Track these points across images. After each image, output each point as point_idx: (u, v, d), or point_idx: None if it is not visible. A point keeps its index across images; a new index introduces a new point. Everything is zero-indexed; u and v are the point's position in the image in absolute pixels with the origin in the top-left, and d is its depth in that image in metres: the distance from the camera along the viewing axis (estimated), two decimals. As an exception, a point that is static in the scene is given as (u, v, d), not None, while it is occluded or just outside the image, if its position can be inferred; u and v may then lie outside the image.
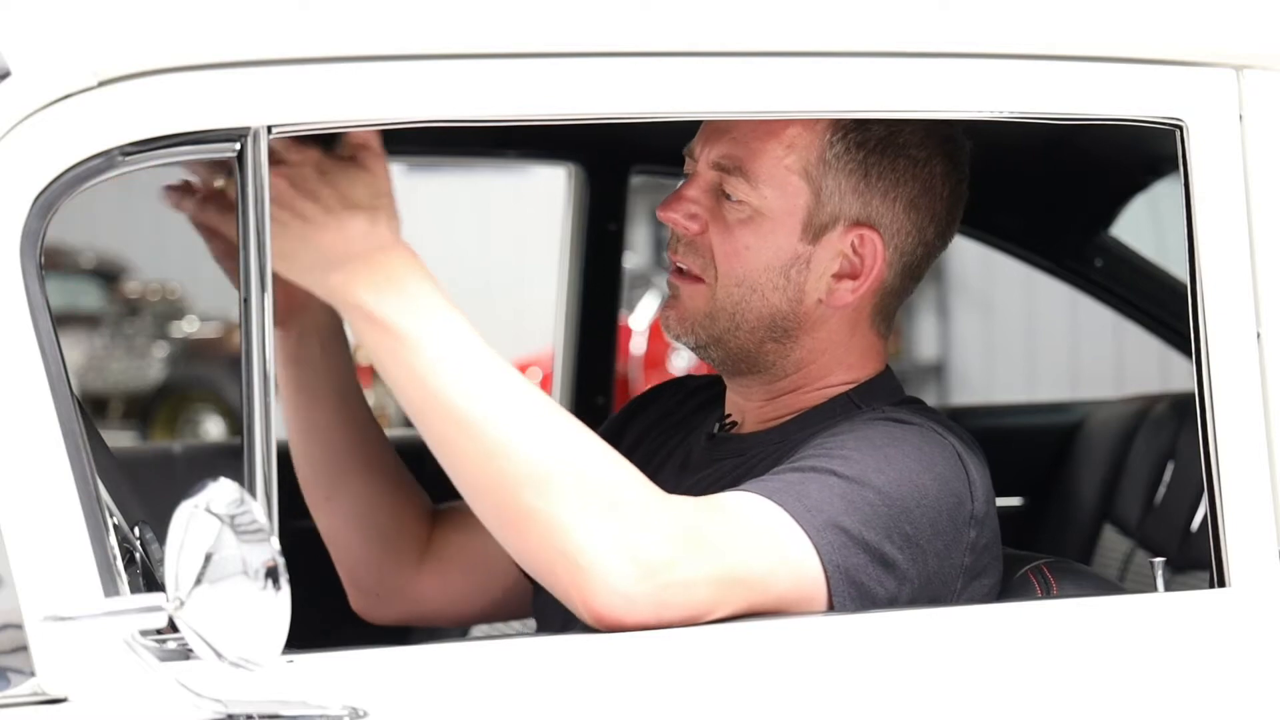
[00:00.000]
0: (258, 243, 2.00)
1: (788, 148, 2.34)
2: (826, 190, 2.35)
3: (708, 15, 2.18)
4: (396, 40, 2.08)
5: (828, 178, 2.34)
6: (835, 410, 2.39)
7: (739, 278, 2.36)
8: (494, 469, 2.08)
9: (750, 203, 2.34)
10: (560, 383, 3.97)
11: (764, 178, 2.34)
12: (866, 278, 2.38)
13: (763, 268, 2.35)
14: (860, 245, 2.36)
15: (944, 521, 2.24)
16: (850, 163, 2.35)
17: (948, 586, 2.26)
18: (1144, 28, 2.30)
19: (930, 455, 2.27)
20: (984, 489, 2.30)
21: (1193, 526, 3.42)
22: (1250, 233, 2.29)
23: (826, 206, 2.35)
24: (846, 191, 2.35)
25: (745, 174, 2.34)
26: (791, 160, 2.34)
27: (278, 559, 1.83)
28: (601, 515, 2.07)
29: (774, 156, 2.34)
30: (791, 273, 2.36)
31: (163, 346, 14.00)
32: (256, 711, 1.93)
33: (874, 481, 2.21)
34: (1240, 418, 2.27)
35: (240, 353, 2.01)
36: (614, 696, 2.07)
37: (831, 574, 2.16)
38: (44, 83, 1.98)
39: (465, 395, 2.09)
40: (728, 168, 2.35)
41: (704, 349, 2.41)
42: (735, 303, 2.36)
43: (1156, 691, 2.22)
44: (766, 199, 2.34)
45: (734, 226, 2.35)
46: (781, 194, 2.34)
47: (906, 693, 2.15)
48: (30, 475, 1.93)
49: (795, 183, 2.34)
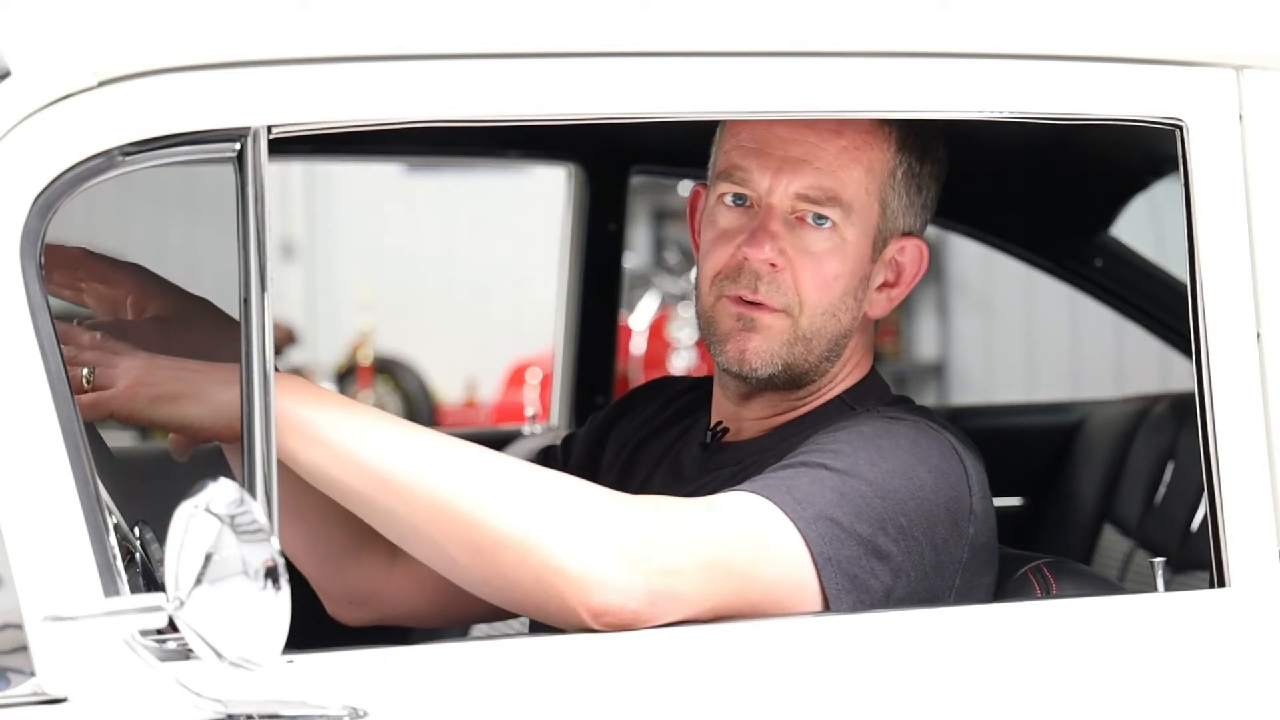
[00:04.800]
0: (258, 242, 2.00)
1: (868, 172, 2.35)
2: (890, 209, 2.37)
3: (708, 15, 2.18)
4: (396, 40, 2.08)
5: (892, 197, 2.37)
6: (830, 413, 2.40)
7: (825, 307, 2.35)
8: (442, 518, 2.10)
9: (843, 233, 2.34)
10: (560, 383, 3.97)
11: (855, 206, 2.34)
12: (907, 285, 2.41)
13: (843, 292, 2.36)
14: (902, 254, 2.40)
15: (940, 514, 2.24)
16: (911, 180, 2.38)
17: (945, 581, 2.25)
18: (1144, 28, 2.30)
19: (926, 449, 2.27)
20: (981, 485, 2.30)
21: (1193, 526, 3.42)
22: (1250, 233, 2.29)
23: (889, 224, 2.38)
24: (905, 207, 2.39)
25: (840, 205, 2.33)
26: (872, 184, 2.35)
27: (278, 559, 1.83)
28: (573, 523, 2.08)
29: (860, 184, 2.34)
30: (859, 291, 2.38)
31: (163, 346, 13.97)
32: (256, 711, 1.93)
33: (866, 474, 2.21)
34: (1240, 418, 2.27)
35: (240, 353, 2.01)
36: (614, 696, 2.07)
37: (822, 566, 2.16)
38: (44, 83, 1.98)
39: (391, 458, 2.11)
40: (819, 199, 2.33)
41: (772, 379, 2.37)
42: (817, 329, 2.36)
43: (1156, 691, 2.22)
44: (854, 227, 2.35)
45: (822, 257, 2.34)
46: (864, 219, 2.35)
47: (906, 693, 2.15)
48: (30, 475, 1.93)
49: (874, 206, 2.36)
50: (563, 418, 3.96)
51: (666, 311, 10.47)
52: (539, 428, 3.96)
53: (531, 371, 10.72)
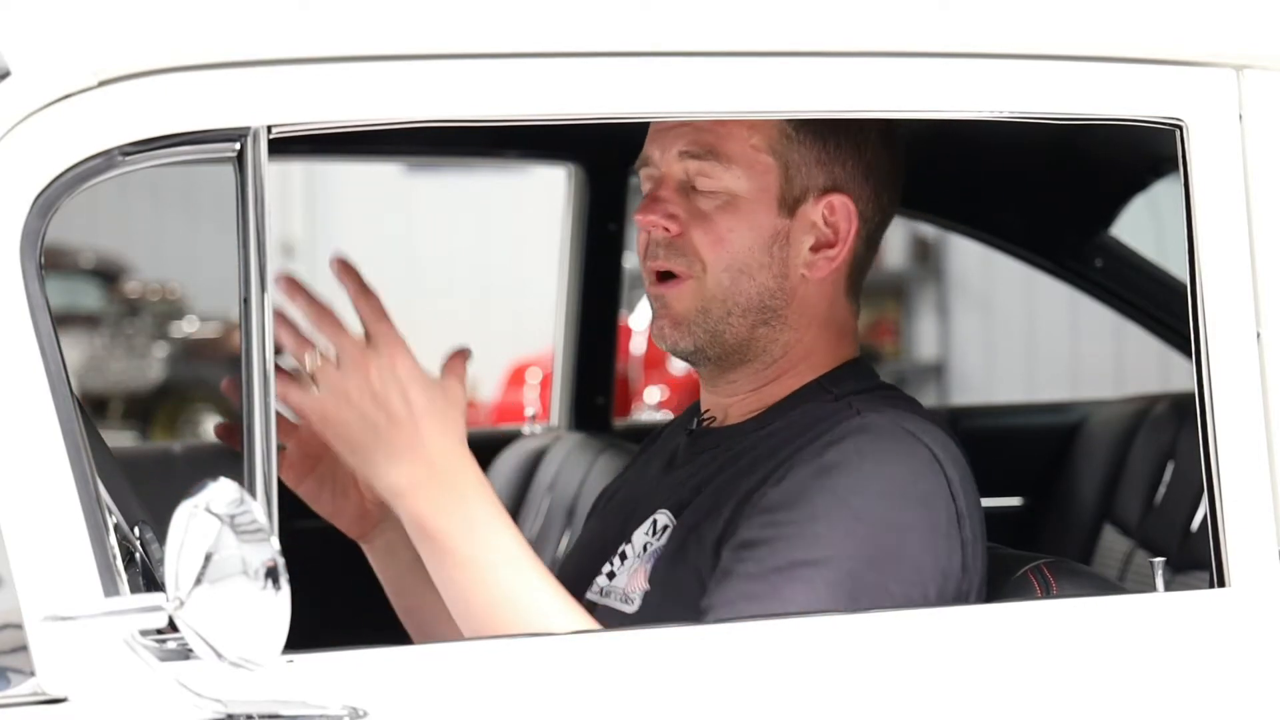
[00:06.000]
0: (257, 243, 2.00)
1: (751, 128, 2.36)
2: (793, 164, 2.38)
3: (708, 15, 2.18)
4: (396, 40, 2.08)
5: (792, 152, 2.38)
6: (807, 396, 2.39)
7: (726, 263, 2.37)
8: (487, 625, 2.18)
9: (726, 186, 2.36)
10: (560, 383, 3.97)
11: (736, 159, 2.36)
12: (843, 244, 2.40)
13: (746, 249, 2.37)
14: (831, 214, 2.40)
15: (937, 539, 2.24)
16: (809, 135, 2.38)
17: (958, 589, 2.25)
18: (1144, 28, 2.30)
19: (902, 479, 2.25)
20: (962, 482, 2.29)
21: (1193, 526, 3.42)
22: (1250, 233, 2.29)
23: (796, 180, 2.38)
24: (811, 163, 2.38)
25: (718, 157, 2.36)
26: (757, 139, 2.37)
27: (278, 559, 1.83)
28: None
29: (740, 138, 2.37)
30: (774, 249, 2.38)
31: (163, 346, 14.00)
32: (256, 711, 1.93)
33: (849, 550, 2.20)
34: (1240, 418, 2.27)
35: (240, 353, 2.01)
36: (614, 696, 2.07)
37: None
38: (44, 83, 1.98)
39: (494, 605, 2.16)
40: (699, 154, 2.36)
41: (700, 350, 2.39)
42: (726, 289, 2.37)
43: (1156, 691, 2.22)
44: (740, 180, 2.36)
45: (713, 215, 2.37)
46: (753, 173, 2.37)
47: (907, 693, 2.15)
48: (30, 475, 1.93)
49: (764, 160, 2.37)
50: (563, 418, 3.96)
51: (667, 311, 10.47)
52: (539, 428, 3.96)
53: (531, 371, 10.73)
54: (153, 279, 14.48)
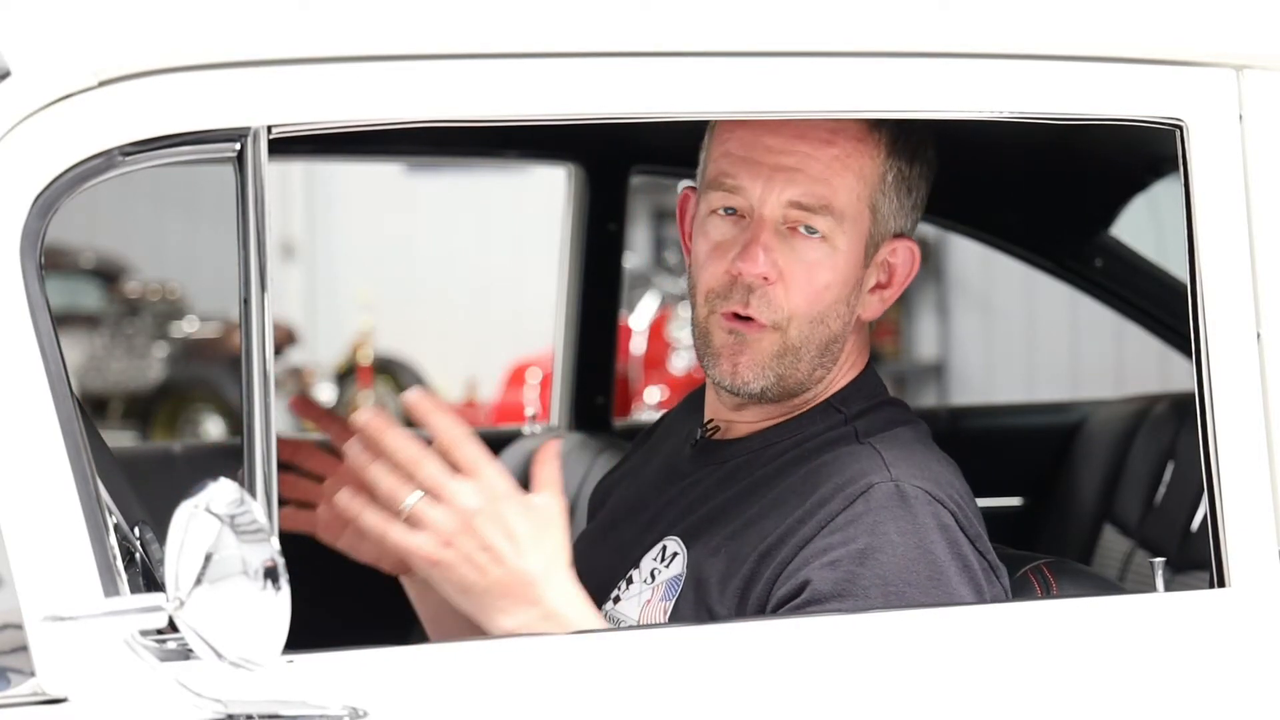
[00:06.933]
0: (257, 243, 2.00)
1: (859, 179, 2.32)
2: (881, 214, 2.34)
3: (708, 15, 2.18)
4: (396, 40, 2.08)
5: (883, 202, 2.34)
6: (816, 417, 2.37)
7: (814, 315, 2.32)
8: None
9: (834, 242, 2.31)
10: (560, 383, 3.96)
11: (846, 213, 2.31)
12: (898, 287, 2.38)
13: (833, 300, 2.32)
14: (893, 255, 2.37)
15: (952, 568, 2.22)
16: (901, 183, 2.35)
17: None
18: (1144, 28, 2.30)
19: (941, 555, 2.23)
20: (965, 505, 2.27)
21: (1193, 526, 3.42)
22: (1250, 233, 2.29)
23: (880, 228, 2.35)
24: (895, 211, 2.36)
25: (832, 213, 2.30)
26: (863, 191, 2.32)
27: (278, 559, 1.83)
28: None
29: (852, 191, 2.31)
30: (851, 299, 2.35)
31: (163, 346, 13.99)
32: (256, 711, 1.93)
33: (878, 603, 2.19)
34: (1240, 418, 2.27)
35: (240, 353, 2.01)
36: (614, 696, 2.07)
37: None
38: (44, 83, 1.98)
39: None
40: (812, 207, 2.29)
41: (765, 392, 2.33)
42: (805, 337, 2.32)
43: (1156, 691, 2.22)
44: (846, 235, 2.31)
45: (814, 267, 2.30)
46: (856, 227, 2.32)
47: (907, 692, 2.15)
48: (30, 475, 1.93)
49: (865, 212, 2.33)
50: (563, 418, 3.95)
51: (666, 311, 10.48)
52: (539, 428, 3.96)
53: (531, 371, 10.72)
54: (153, 279, 14.48)
